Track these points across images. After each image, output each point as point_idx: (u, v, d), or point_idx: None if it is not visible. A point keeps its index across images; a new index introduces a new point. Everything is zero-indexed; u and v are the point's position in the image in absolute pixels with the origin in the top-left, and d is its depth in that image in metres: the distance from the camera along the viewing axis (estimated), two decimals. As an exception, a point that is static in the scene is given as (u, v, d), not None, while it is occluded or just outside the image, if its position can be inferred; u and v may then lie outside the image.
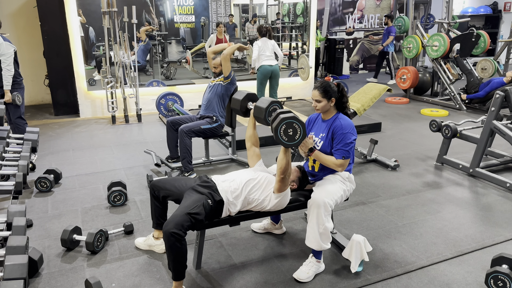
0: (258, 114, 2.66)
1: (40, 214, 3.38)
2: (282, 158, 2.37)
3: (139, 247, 2.87)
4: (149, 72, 7.03)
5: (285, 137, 2.26)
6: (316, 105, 2.63)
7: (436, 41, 7.20)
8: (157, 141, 5.32)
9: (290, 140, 2.28)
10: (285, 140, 2.26)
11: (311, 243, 2.50)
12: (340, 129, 2.56)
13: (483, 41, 7.46)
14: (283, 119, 2.23)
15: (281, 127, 2.23)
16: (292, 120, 2.24)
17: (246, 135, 2.85)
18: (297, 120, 2.25)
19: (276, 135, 2.24)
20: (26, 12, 7.00)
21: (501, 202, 3.59)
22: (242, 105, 2.83)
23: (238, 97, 2.84)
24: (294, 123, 2.25)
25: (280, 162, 2.38)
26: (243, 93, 2.87)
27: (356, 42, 10.79)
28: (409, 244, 2.93)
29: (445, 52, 7.10)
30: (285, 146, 2.32)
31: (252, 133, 2.83)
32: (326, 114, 2.68)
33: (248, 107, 2.85)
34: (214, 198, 2.44)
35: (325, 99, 2.59)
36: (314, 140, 2.69)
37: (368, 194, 3.76)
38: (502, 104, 3.94)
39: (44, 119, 6.55)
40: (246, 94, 2.85)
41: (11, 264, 2.14)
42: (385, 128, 5.89)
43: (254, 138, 2.83)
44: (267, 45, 5.85)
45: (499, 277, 2.35)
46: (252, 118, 2.82)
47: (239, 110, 2.85)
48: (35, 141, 3.75)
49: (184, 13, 6.94)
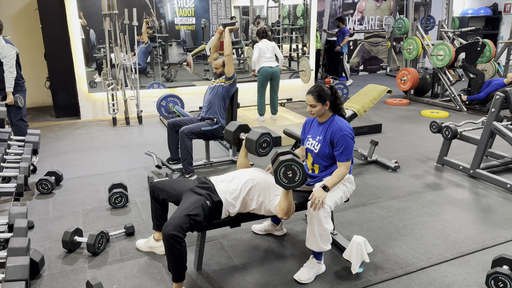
0: (249, 146, 2.72)
1: (41, 216, 3.39)
2: (284, 200, 2.36)
3: (140, 248, 2.87)
4: (149, 74, 7.04)
5: (285, 179, 2.24)
6: (311, 110, 2.63)
7: (441, 50, 7.17)
8: (158, 143, 5.33)
9: (290, 182, 2.25)
10: (285, 182, 2.25)
11: (311, 245, 2.50)
12: (340, 131, 2.56)
13: (488, 50, 7.44)
14: (282, 162, 2.21)
15: (280, 169, 2.22)
16: (291, 162, 2.22)
17: (237, 163, 2.91)
18: (296, 162, 2.23)
19: (276, 178, 2.24)
20: (27, 15, 7.02)
21: (501, 203, 3.59)
22: (234, 136, 2.90)
23: (230, 128, 2.91)
24: (293, 165, 2.23)
25: (281, 203, 2.37)
26: (235, 124, 2.92)
27: (356, 43, 10.80)
28: (410, 245, 2.93)
29: (450, 61, 7.07)
30: (286, 189, 2.30)
31: (244, 161, 2.88)
32: (322, 117, 2.68)
33: (240, 138, 2.89)
34: (212, 199, 2.44)
35: (320, 103, 2.60)
36: (312, 143, 2.69)
37: (368, 195, 3.76)
38: (502, 105, 3.95)
39: (45, 121, 6.56)
40: (238, 126, 2.91)
41: (13, 266, 2.14)
42: (386, 129, 5.90)
43: (245, 165, 2.87)
44: (267, 46, 5.85)
45: (499, 278, 2.35)
46: (244, 149, 2.86)
47: (232, 141, 2.90)
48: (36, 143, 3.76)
49: (184, 15, 6.95)
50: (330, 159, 2.64)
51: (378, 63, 11.30)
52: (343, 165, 2.56)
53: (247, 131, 2.87)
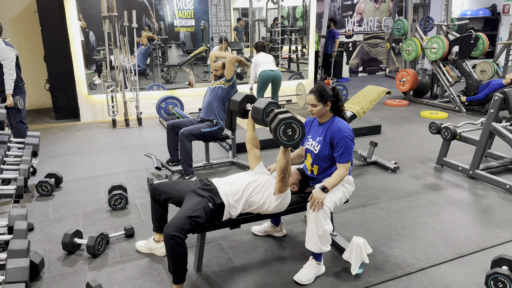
0: (256, 115, 2.68)
1: (41, 218, 3.39)
2: (282, 158, 2.37)
3: (140, 250, 2.87)
4: (149, 76, 7.05)
5: (285, 137, 2.26)
6: (312, 109, 2.64)
7: (435, 43, 7.22)
8: (157, 145, 5.33)
9: (289, 140, 2.28)
10: (285, 140, 2.26)
11: (311, 246, 2.50)
12: (340, 132, 2.57)
13: (481, 43, 7.48)
14: (281, 120, 2.23)
15: (280, 127, 2.23)
16: (291, 120, 2.24)
17: (246, 137, 2.86)
18: (296, 120, 2.25)
19: (275, 136, 2.25)
20: (26, 17, 7.03)
21: (501, 203, 3.60)
22: (240, 106, 2.84)
23: (236, 98, 2.87)
24: (293, 123, 2.25)
25: (279, 161, 2.38)
26: (241, 94, 2.89)
27: (355, 45, 10.82)
28: (409, 246, 2.93)
29: (444, 54, 7.12)
30: (285, 146, 2.32)
31: (252, 135, 2.83)
32: (323, 117, 2.69)
33: (246, 109, 2.86)
34: (214, 201, 2.44)
35: (321, 103, 2.60)
36: (312, 144, 2.70)
37: (368, 196, 3.77)
38: (501, 106, 3.95)
39: (45, 123, 6.57)
40: (245, 96, 2.87)
41: (13, 268, 2.14)
42: (385, 130, 5.90)
43: (254, 140, 2.83)
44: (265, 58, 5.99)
45: (499, 278, 2.36)
46: (251, 120, 2.83)
47: (238, 111, 2.87)
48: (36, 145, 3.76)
49: (184, 17, 6.96)
50: (329, 160, 2.65)
51: (377, 64, 11.32)
52: (342, 167, 2.56)
53: (253, 102, 2.84)
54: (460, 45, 7.23)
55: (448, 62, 7.41)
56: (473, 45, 7.34)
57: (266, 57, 6.01)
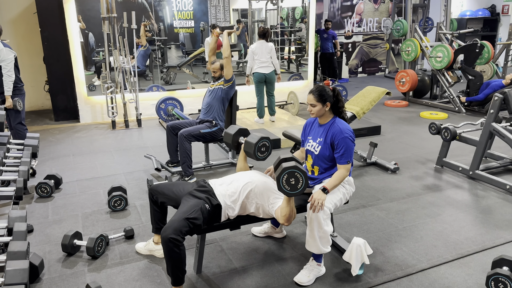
0: (248, 149, 2.73)
1: (40, 220, 3.38)
2: (286, 206, 2.34)
3: (140, 252, 2.87)
4: (148, 77, 7.05)
5: (288, 187, 2.21)
6: (311, 109, 2.63)
7: (439, 52, 7.18)
8: (157, 146, 5.33)
9: (292, 190, 2.23)
10: (288, 189, 2.22)
11: (311, 247, 2.50)
12: (340, 133, 2.56)
13: (486, 51, 7.45)
14: (285, 169, 2.19)
15: (283, 176, 2.19)
16: (294, 170, 2.19)
17: (237, 167, 2.89)
18: (299, 169, 2.21)
19: (279, 185, 2.21)
20: (26, 18, 7.03)
21: (501, 204, 3.59)
22: (234, 139, 2.91)
23: (230, 131, 2.92)
24: (296, 172, 2.20)
25: (283, 210, 2.35)
26: (235, 128, 2.93)
27: (355, 46, 10.82)
28: (410, 247, 2.93)
29: (449, 63, 7.08)
30: (288, 196, 2.28)
31: (243, 165, 2.87)
32: (323, 118, 2.68)
33: (239, 142, 2.90)
34: (211, 202, 2.44)
35: (320, 103, 2.60)
36: (312, 145, 2.69)
37: (368, 197, 3.76)
38: (501, 106, 3.95)
39: (44, 124, 6.56)
40: (238, 130, 2.91)
41: (12, 270, 2.14)
42: (385, 131, 5.90)
43: (245, 170, 2.85)
44: (262, 49, 5.74)
45: (499, 279, 2.35)
46: (243, 152, 2.86)
47: (231, 144, 2.91)
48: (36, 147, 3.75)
49: (183, 18, 6.96)
50: (330, 161, 2.65)
51: (376, 65, 11.33)
52: (343, 168, 2.56)
53: (246, 135, 2.87)
54: (465, 53, 7.20)
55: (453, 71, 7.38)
56: (478, 53, 7.31)
57: (262, 51, 5.73)
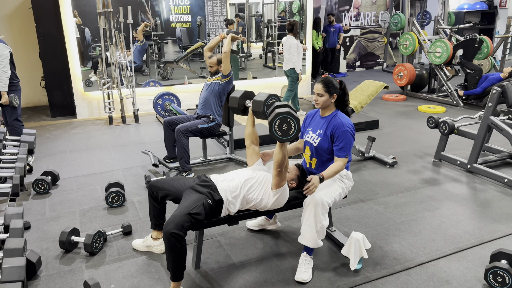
0: (257, 108, 2.64)
1: (37, 216, 3.37)
2: (278, 152, 2.36)
3: (137, 248, 2.85)
4: (145, 72, 7.01)
5: (280, 132, 2.24)
6: (318, 99, 2.61)
7: (438, 47, 7.15)
8: (154, 142, 5.31)
9: (284, 135, 2.25)
10: (279, 135, 2.24)
11: (307, 241, 2.50)
12: (342, 126, 2.55)
13: (485, 46, 7.43)
14: (278, 114, 2.21)
15: (276, 121, 2.21)
16: (287, 115, 2.21)
17: (245, 133, 2.82)
18: (292, 115, 2.22)
19: (271, 130, 2.23)
20: (21, 14, 6.96)
21: (499, 197, 3.60)
22: (240, 103, 2.81)
23: (235, 95, 2.84)
24: (289, 118, 2.22)
25: (276, 155, 2.37)
26: (240, 91, 2.86)
27: (352, 40, 10.79)
28: (408, 241, 2.93)
29: (448, 58, 7.06)
30: (279, 141, 2.30)
31: (252, 130, 2.79)
32: (325, 110, 2.67)
33: (246, 105, 2.83)
34: (213, 197, 2.43)
35: (327, 93, 2.58)
36: (312, 137, 2.68)
37: (366, 191, 3.76)
38: (499, 99, 3.95)
39: (41, 121, 6.53)
40: (244, 92, 2.84)
41: (9, 267, 2.13)
42: (383, 125, 5.89)
43: (254, 135, 2.79)
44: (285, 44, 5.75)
45: (498, 272, 2.36)
46: (251, 115, 2.78)
47: (237, 108, 2.83)
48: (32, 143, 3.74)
49: (180, 13, 6.91)
50: (328, 154, 2.63)
51: (374, 59, 11.30)
52: (340, 160, 2.55)
53: (252, 98, 2.82)
54: (464, 48, 7.19)
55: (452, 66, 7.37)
56: (477, 48, 7.30)
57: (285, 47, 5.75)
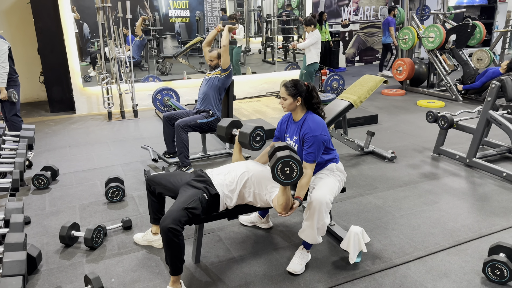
0: (243, 139, 2.71)
1: (37, 211, 3.38)
2: (282, 196, 2.32)
3: (138, 242, 2.87)
4: (144, 67, 7.00)
5: (282, 176, 2.20)
6: (283, 102, 2.60)
7: (431, 33, 7.20)
8: (154, 137, 5.31)
9: (287, 179, 2.21)
10: (282, 178, 2.20)
11: (307, 237, 2.51)
12: (310, 131, 2.53)
13: (478, 31, 7.46)
14: (279, 158, 2.18)
15: (278, 166, 2.18)
16: (288, 159, 2.18)
17: (232, 159, 2.88)
18: (293, 158, 2.19)
19: (273, 174, 2.19)
20: (19, 9, 6.94)
21: (497, 191, 3.61)
22: (227, 132, 2.89)
23: (223, 124, 2.90)
24: (291, 161, 2.18)
25: (280, 198, 2.34)
26: (227, 120, 2.91)
27: (352, 34, 10.76)
28: (407, 234, 2.94)
29: (441, 43, 7.10)
30: (283, 185, 2.26)
31: (239, 157, 2.86)
32: (296, 114, 2.65)
33: (233, 134, 2.88)
34: (209, 192, 2.44)
35: (291, 97, 2.56)
36: (290, 143, 2.67)
37: (365, 186, 3.77)
38: (498, 94, 3.95)
39: (40, 116, 6.52)
40: (231, 122, 2.89)
41: (10, 261, 2.14)
42: (382, 120, 5.90)
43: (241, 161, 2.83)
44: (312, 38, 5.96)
45: (496, 265, 2.37)
46: (238, 144, 2.84)
47: (225, 137, 2.89)
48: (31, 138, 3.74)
49: (178, 8, 6.89)
50: None
51: (373, 54, 11.28)
52: (308, 167, 2.50)
53: (239, 127, 2.86)
54: (457, 34, 7.22)
55: (445, 51, 7.39)
56: (470, 33, 7.32)
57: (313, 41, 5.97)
